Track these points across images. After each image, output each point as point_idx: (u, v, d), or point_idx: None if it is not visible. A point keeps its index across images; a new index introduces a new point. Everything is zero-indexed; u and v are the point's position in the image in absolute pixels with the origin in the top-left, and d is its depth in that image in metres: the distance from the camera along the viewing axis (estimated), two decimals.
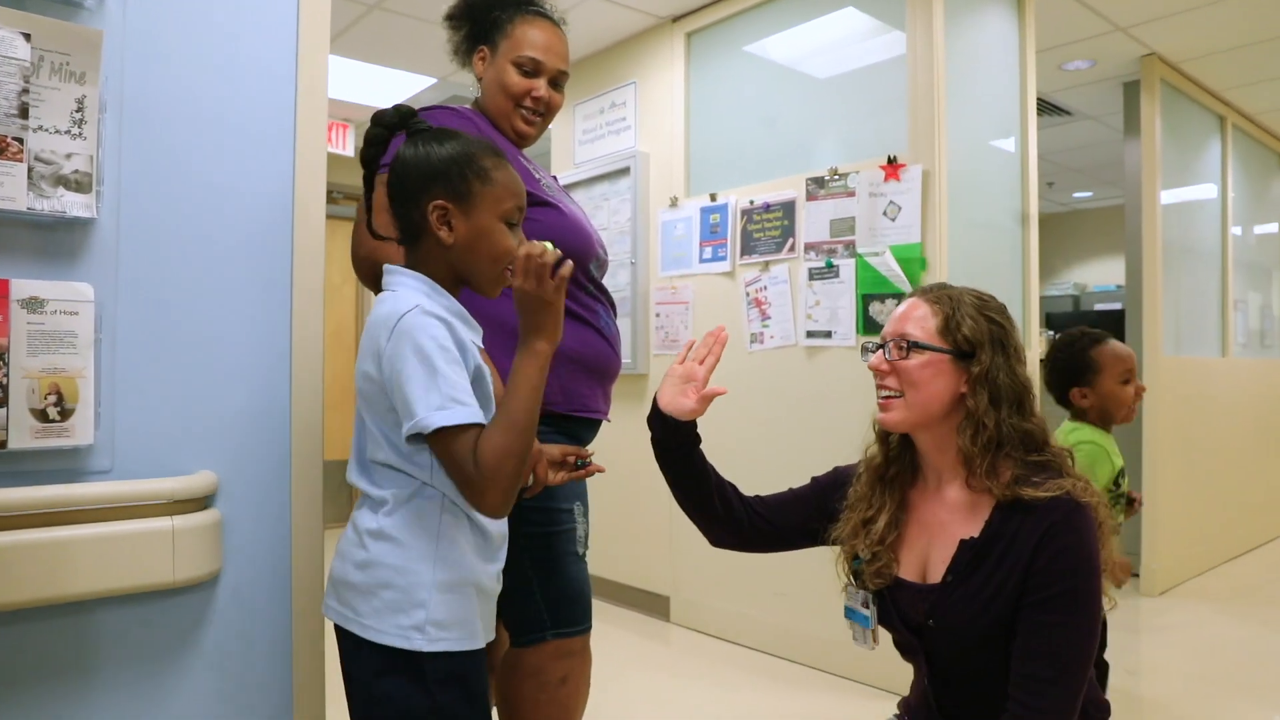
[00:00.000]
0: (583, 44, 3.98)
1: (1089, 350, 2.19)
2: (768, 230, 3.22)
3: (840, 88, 3.18)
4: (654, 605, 3.72)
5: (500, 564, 1.30)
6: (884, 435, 1.47)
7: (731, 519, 1.55)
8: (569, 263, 1.20)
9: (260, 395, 1.54)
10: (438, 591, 1.17)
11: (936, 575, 1.35)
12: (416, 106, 1.73)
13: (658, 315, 3.66)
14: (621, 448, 3.86)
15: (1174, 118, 4.45)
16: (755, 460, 3.33)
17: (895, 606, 1.42)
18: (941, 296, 1.38)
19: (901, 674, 2.83)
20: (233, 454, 1.50)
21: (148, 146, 1.42)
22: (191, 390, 1.46)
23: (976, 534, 1.30)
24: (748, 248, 3.30)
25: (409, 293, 1.21)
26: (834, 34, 3.18)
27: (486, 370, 1.26)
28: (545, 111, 1.76)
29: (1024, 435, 1.31)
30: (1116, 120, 4.80)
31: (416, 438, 1.14)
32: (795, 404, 3.14)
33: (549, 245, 1.20)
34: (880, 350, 1.39)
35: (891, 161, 2.84)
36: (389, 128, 1.30)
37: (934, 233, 2.77)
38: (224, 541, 1.48)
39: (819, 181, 3.05)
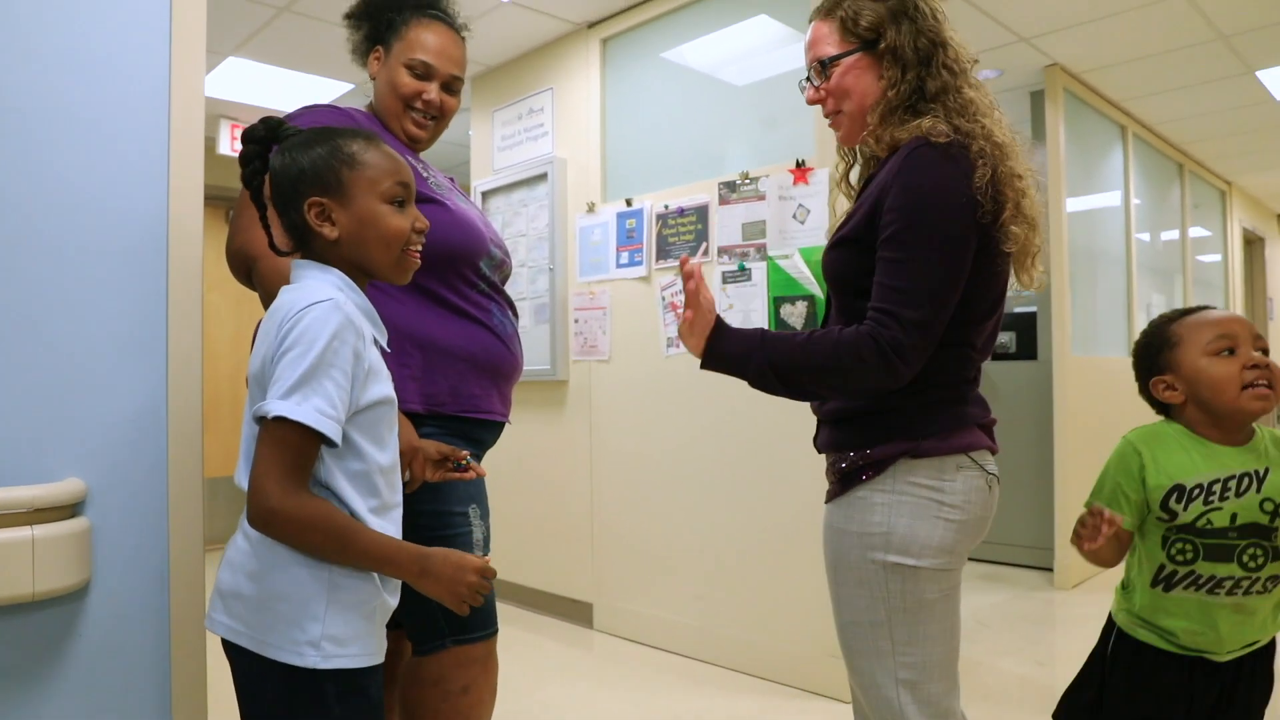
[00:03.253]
0: (500, 50, 3.97)
1: (1169, 324, 1.51)
2: (682, 234, 3.24)
3: (752, 93, 3.23)
4: (576, 612, 3.70)
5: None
6: (840, 149, 1.52)
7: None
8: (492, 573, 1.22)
9: (133, 402, 1.49)
10: (334, 605, 1.12)
11: None
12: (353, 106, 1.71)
13: (576, 321, 3.66)
14: (543, 453, 3.85)
15: (1078, 127, 4.61)
16: (675, 462, 3.35)
17: None
18: (832, 5, 1.41)
19: (819, 674, 2.87)
20: (104, 461, 1.45)
21: (6, 145, 1.37)
22: (56, 396, 1.41)
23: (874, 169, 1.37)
24: (663, 252, 3.32)
25: (323, 286, 1.16)
26: (747, 41, 3.22)
27: (390, 391, 1.22)
28: (438, 115, 1.75)
29: (940, 90, 1.32)
30: (1025, 129, 4.96)
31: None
32: (711, 405, 3.16)
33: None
34: (809, 84, 1.43)
35: (800, 165, 2.88)
36: (260, 143, 1.24)
37: None
38: (95, 551, 1.43)
39: (731, 186, 3.09)
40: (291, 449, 1.07)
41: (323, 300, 1.11)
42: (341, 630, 1.12)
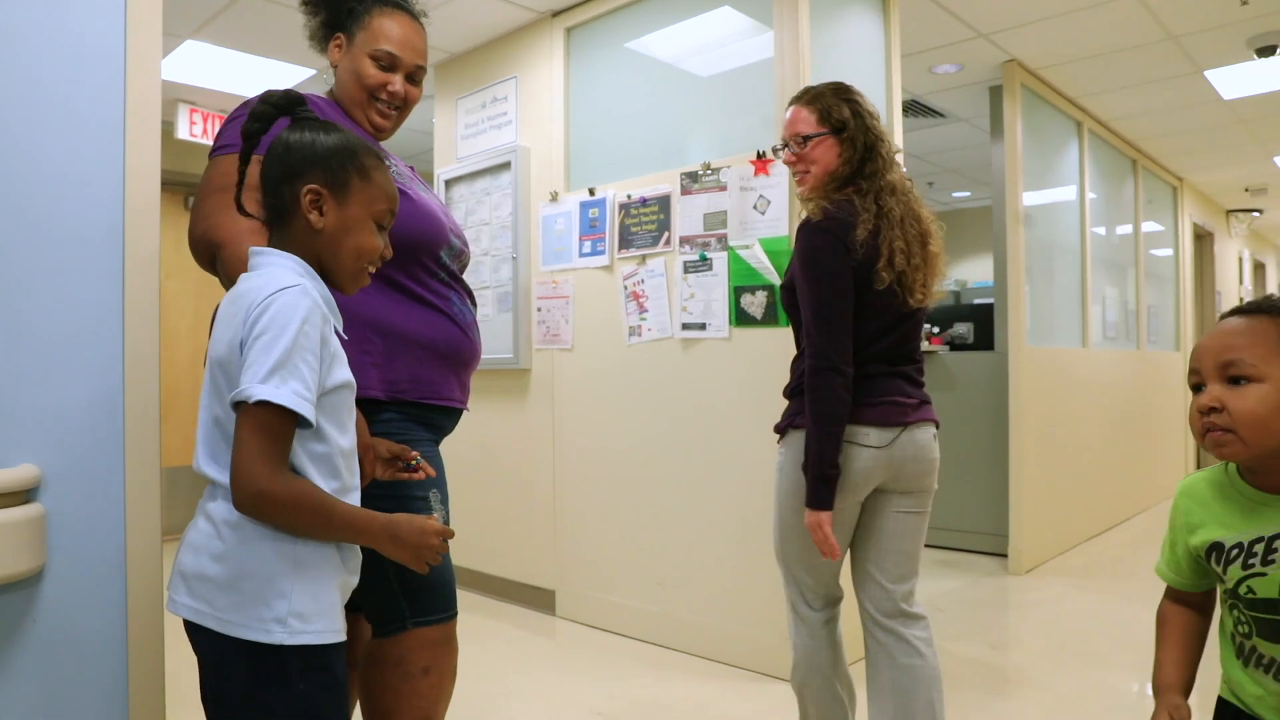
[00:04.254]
0: (464, 38, 3.95)
1: None
2: (644, 224, 3.26)
3: (715, 85, 3.25)
4: (539, 599, 3.72)
5: (358, 556, 1.29)
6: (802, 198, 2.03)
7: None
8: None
9: (89, 388, 1.48)
10: (300, 582, 1.14)
11: None
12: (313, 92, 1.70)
13: (539, 310, 3.67)
14: (505, 441, 3.85)
15: (1035, 122, 4.70)
16: (636, 450, 3.38)
17: None
18: (812, 96, 1.98)
19: (776, 658, 2.92)
20: (59, 447, 1.44)
21: None
22: (10, 381, 1.39)
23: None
24: (625, 241, 3.34)
25: (286, 273, 1.19)
26: (710, 32, 3.24)
27: (350, 376, 1.25)
28: (401, 105, 1.75)
29: (872, 172, 1.91)
30: (985, 123, 5.05)
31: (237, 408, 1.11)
32: (672, 394, 3.20)
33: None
34: (786, 149, 2.00)
35: (761, 156, 2.92)
36: (277, 107, 1.29)
37: None
38: (50, 537, 1.42)
39: (693, 176, 3.12)
40: (273, 432, 1.10)
41: (290, 285, 1.14)
42: (307, 607, 1.14)
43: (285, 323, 1.11)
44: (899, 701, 1.88)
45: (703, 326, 3.08)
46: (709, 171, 3.07)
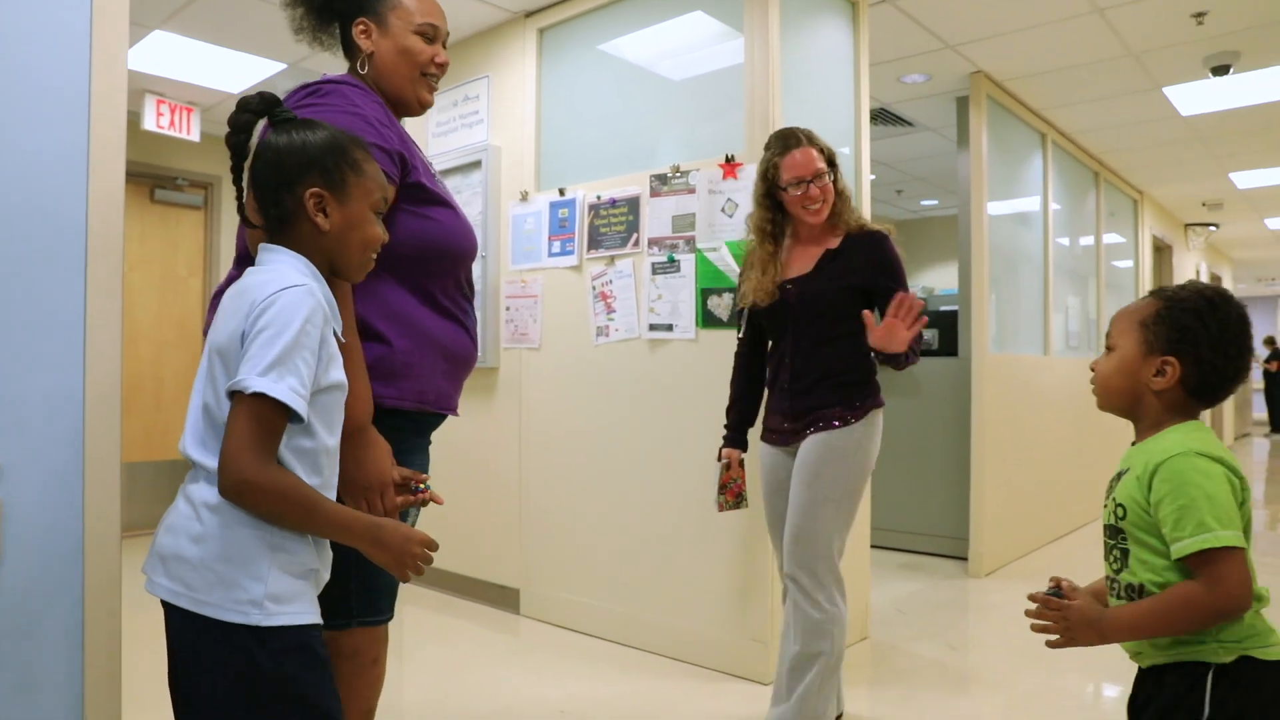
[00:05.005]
0: None
1: None
2: (613, 225, 3.28)
3: (685, 88, 3.28)
4: (504, 598, 3.73)
5: (330, 552, 1.30)
6: (765, 231, 2.40)
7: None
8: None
9: (48, 380, 1.47)
10: (276, 566, 1.16)
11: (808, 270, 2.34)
12: (284, 87, 1.69)
13: (508, 309, 3.67)
14: (471, 440, 3.85)
15: (1000, 132, 4.79)
16: (602, 450, 3.39)
17: (777, 305, 2.34)
18: (808, 138, 2.32)
19: (739, 657, 2.94)
20: (17, 437, 1.43)
21: None
22: None
23: (835, 247, 2.33)
24: (594, 242, 3.36)
25: (292, 271, 1.22)
26: (681, 36, 3.27)
27: (343, 377, 1.27)
28: (441, 76, 1.75)
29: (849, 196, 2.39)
30: (952, 132, 5.13)
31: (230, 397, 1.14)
32: (639, 395, 3.22)
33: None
34: (810, 185, 2.27)
35: (729, 160, 2.95)
36: (257, 113, 1.29)
37: None
38: (6, 527, 1.41)
39: (662, 178, 3.14)
40: (265, 423, 1.13)
41: (297, 285, 1.18)
42: (285, 589, 1.17)
43: (288, 320, 1.14)
44: None
45: (670, 328, 3.10)
46: (678, 174, 3.10)
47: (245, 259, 1.57)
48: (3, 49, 1.43)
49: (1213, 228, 8.90)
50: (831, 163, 2.31)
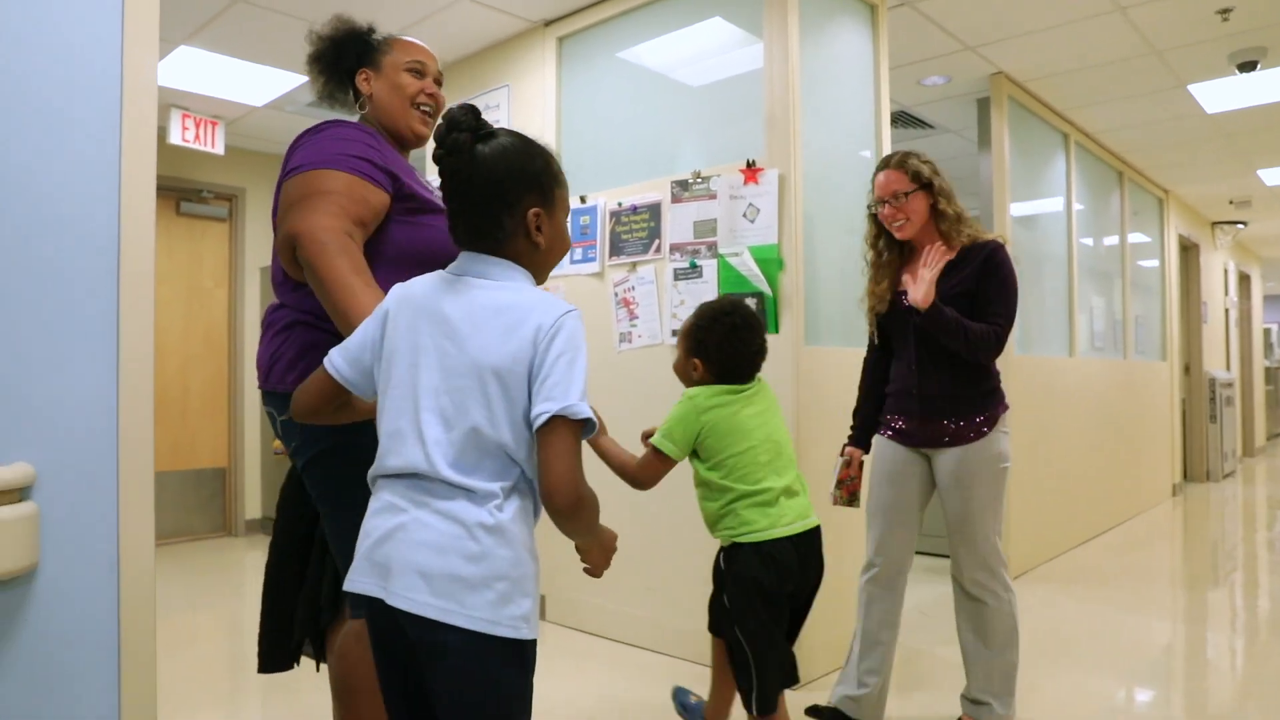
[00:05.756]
0: (457, 47, 3.98)
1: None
2: (635, 232, 3.29)
3: (705, 94, 3.29)
4: None
5: None
6: (884, 240, 2.52)
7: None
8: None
9: (83, 390, 1.49)
10: (536, 582, 1.23)
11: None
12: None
13: None
14: None
15: (1022, 134, 4.76)
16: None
17: (897, 312, 2.48)
18: (898, 163, 2.43)
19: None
20: (53, 447, 1.45)
21: None
22: (4, 379, 1.41)
23: (952, 259, 2.40)
24: (616, 249, 3.36)
25: (542, 291, 1.27)
26: (700, 43, 3.28)
27: None
28: (436, 110, 1.92)
29: (960, 215, 2.43)
30: (972, 134, 5.10)
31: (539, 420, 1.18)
32: (662, 400, 3.20)
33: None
34: (886, 205, 2.42)
35: (750, 165, 2.95)
36: (472, 131, 1.25)
37: (790, 234, 2.89)
38: (43, 536, 1.43)
39: (683, 184, 3.15)
40: (578, 442, 1.20)
41: (572, 309, 1.23)
42: (535, 607, 1.23)
43: (579, 344, 1.21)
44: None
45: None
46: (699, 180, 3.10)
47: (286, 285, 1.70)
48: (37, 65, 1.46)
49: (1241, 225, 8.78)
50: (925, 185, 2.39)
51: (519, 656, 1.20)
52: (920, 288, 2.29)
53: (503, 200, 1.24)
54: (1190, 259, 8.22)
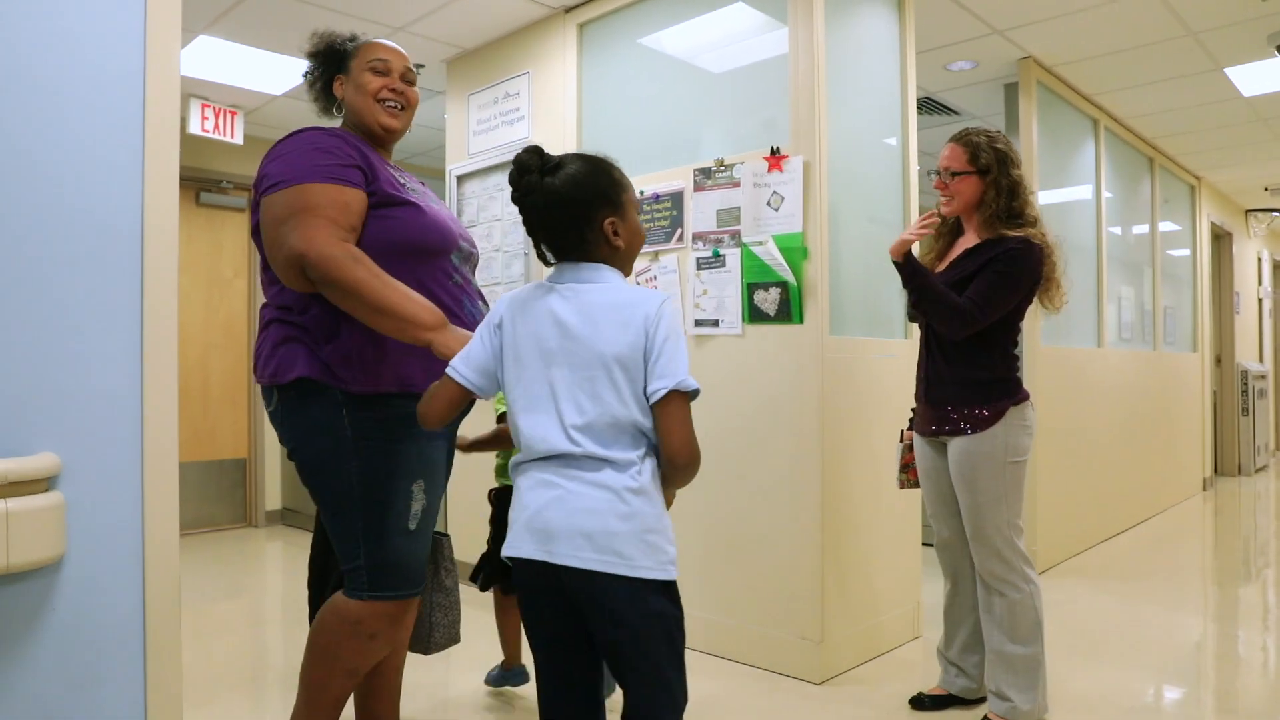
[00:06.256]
0: (477, 34, 3.96)
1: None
2: (657, 220, 3.26)
3: (728, 81, 3.24)
4: None
5: None
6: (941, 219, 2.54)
7: None
8: None
9: (107, 380, 1.49)
10: (672, 531, 1.47)
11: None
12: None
13: None
14: None
15: (1050, 119, 4.67)
16: None
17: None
18: (965, 139, 2.43)
19: (789, 656, 2.90)
20: (78, 437, 1.45)
21: None
22: (31, 370, 1.40)
23: (971, 245, 2.44)
24: None
25: (642, 288, 1.59)
26: (723, 29, 3.24)
27: None
28: (405, 105, 2.00)
29: (1011, 211, 2.39)
30: (999, 120, 5.02)
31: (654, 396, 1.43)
32: None
33: None
34: (938, 177, 2.46)
35: (774, 153, 2.91)
36: (540, 172, 1.47)
37: (815, 222, 2.85)
38: (69, 526, 1.43)
39: (706, 172, 3.11)
40: (689, 409, 1.45)
41: (665, 297, 1.46)
42: (675, 552, 1.48)
43: (677, 327, 1.45)
44: None
45: (716, 323, 3.07)
46: (722, 168, 3.06)
47: (267, 285, 1.88)
48: (60, 56, 1.45)
49: (1276, 213, 8.61)
50: (981, 169, 2.39)
51: (670, 594, 1.46)
52: (895, 242, 2.39)
53: (579, 220, 1.46)
54: (1223, 248, 8.07)
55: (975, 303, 2.31)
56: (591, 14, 3.57)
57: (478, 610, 3.29)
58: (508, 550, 1.47)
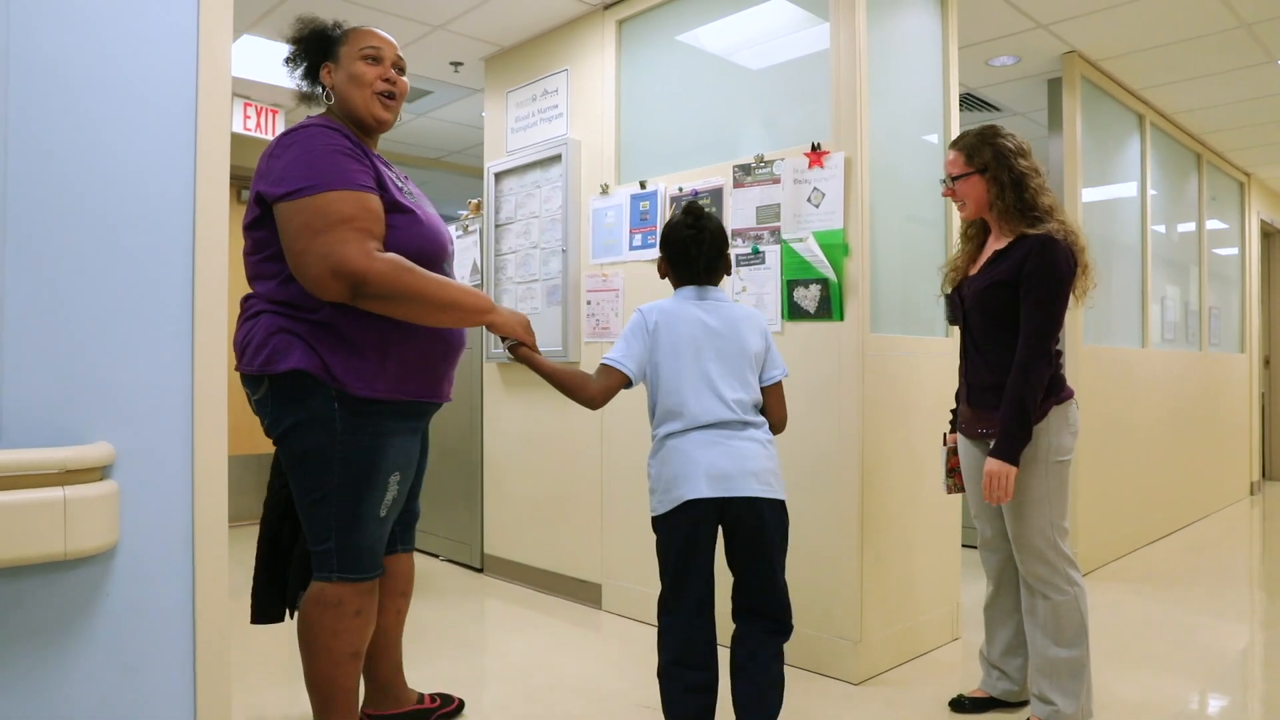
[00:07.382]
0: (515, 31, 3.98)
1: None
2: None
3: (768, 77, 3.23)
4: (585, 593, 3.74)
5: None
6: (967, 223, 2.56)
7: None
8: None
9: (160, 371, 1.52)
10: None
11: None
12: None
13: (589, 303, 3.67)
14: (553, 434, 3.87)
15: (1094, 115, 4.59)
16: None
17: (956, 299, 2.54)
18: (959, 141, 2.45)
19: (826, 655, 2.89)
20: (131, 426, 1.48)
21: (38, 110, 1.39)
22: (86, 361, 1.44)
23: (1001, 248, 2.39)
24: None
25: (747, 305, 2.33)
26: (763, 24, 3.22)
27: None
28: (396, 95, 2.02)
29: (1023, 204, 2.34)
30: (1042, 116, 4.94)
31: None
32: None
33: None
34: (944, 185, 2.51)
35: (815, 148, 2.89)
36: (697, 215, 2.14)
37: (856, 218, 2.83)
38: (122, 514, 1.46)
39: (745, 169, 3.10)
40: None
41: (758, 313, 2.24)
42: None
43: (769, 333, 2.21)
44: None
45: None
46: (762, 164, 3.05)
47: (256, 278, 1.99)
48: (117, 56, 1.48)
49: None
50: (979, 167, 2.39)
51: (784, 508, 2.08)
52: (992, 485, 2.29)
53: (720, 252, 2.14)
54: (1273, 246, 7.87)
55: (1035, 332, 2.25)
56: (630, 10, 3.57)
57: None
58: (690, 494, 1.95)
